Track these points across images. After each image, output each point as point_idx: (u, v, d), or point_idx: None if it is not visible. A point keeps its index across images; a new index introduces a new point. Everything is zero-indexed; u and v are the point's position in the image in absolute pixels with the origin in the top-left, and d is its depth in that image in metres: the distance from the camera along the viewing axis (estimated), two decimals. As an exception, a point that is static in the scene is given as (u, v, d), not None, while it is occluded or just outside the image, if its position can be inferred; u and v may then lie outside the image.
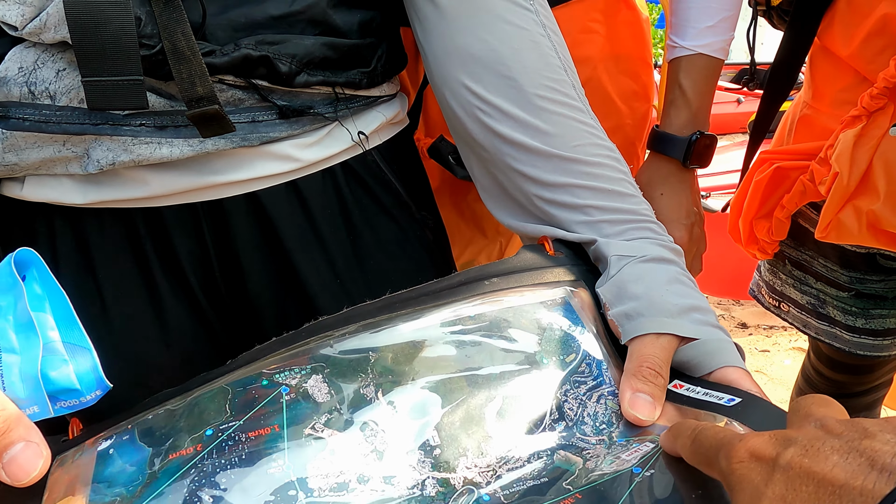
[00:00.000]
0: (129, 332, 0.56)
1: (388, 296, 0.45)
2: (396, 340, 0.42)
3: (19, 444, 0.33)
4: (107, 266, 0.54)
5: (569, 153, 0.50)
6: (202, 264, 0.56)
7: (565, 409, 0.41)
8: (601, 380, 0.43)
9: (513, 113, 0.50)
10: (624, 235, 0.49)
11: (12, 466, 0.33)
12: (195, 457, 0.36)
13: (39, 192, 0.52)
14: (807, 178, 0.82)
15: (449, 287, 0.45)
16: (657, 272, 0.46)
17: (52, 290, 0.38)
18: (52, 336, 0.36)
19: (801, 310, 1.04)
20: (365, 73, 0.55)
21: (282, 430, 0.37)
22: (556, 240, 0.50)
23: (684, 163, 0.87)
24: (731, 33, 0.88)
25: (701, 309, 0.45)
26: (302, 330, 0.43)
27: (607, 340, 0.45)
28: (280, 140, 0.53)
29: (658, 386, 0.41)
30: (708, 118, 0.89)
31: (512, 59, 0.50)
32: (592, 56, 0.89)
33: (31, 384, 0.35)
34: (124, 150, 0.49)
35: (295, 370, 0.40)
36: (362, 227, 0.58)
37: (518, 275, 0.46)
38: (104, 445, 0.38)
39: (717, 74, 0.88)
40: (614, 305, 0.45)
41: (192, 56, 0.45)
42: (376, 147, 0.59)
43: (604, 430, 0.41)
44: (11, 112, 0.48)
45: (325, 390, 0.39)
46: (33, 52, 0.47)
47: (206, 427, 0.37)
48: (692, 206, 0.90)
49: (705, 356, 0.44)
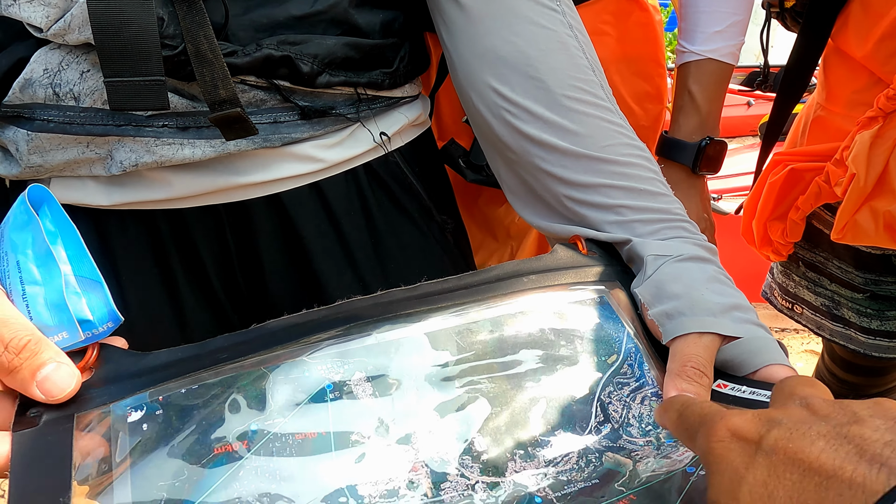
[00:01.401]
0: (151, 333, 0.56)
1: (424, 284, 0.44)
2: (437, 337, 0.41)
3: (51, 364, 0.35)
4: (129, 267, 0.54)
5: (599, 153, 0.49)
6: (224, 265, 0.56)
7: (610, 410, 0.41)
8: (644, 381, 0.42)
9: (541, 114, 0.50)
10: (657, 235, 0.48)
11: (46, 384, 0.35)
12: (242, 456, 0.35)
13: (64, 193, 0.52)
14: (822, 180, 0.82)
15: (486, 282, 0.44)
16: (695, 271, 0.45)
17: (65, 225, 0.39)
18: (65, 269, 0.37)
19: (814, 311, 1.03)
20: (387, 73, 0.55)
21: (328, 434, 0.36)
22: (588, 239, 0.50)
23: (694, 169, 0.87)
24: (740, 38, 0.87)
25: (742, 307, 0.44)
26: (339, 310, 0.41)
27: (647, 341, 0.44)
28: (302, 141, 0.53)
29: (703, 386, 0.40)
30: (718, 124, 0.89)
31: (539, 61, 0.50)
32: (604, 58, 0.88)
33: (58, 311, 0.36)
34: (147, 152, 0.49)
35: (338, 363, 0.39)
36: (384, 228, 0.58)
37: (555, 273, 0.46)
38: (135, 417, 0.37)
39: (726, 79, 0.88)
40: (653, 305, 0.44)
41: (214, 59, 0.45)
42: (398, 149, 0.59)
43: (650, 431, 0.40)
44: (37, 114, 0.48)
45: (370, 391, 0.38)
46: (58, 53, 0.47)
47: (251, 421, 0.36)
48: (702, 212, 0.89)
49: (749, 355, 0.43)
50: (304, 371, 0.38)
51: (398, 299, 0.42)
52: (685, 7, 0.88)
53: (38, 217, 0.37)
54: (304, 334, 0.40)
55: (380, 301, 0.42)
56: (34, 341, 0.35)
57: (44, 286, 0.37)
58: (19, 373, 0.35)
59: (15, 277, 0.37)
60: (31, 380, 0.35)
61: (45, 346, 0.36)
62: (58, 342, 0.37)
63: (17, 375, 0.35)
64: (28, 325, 0.36)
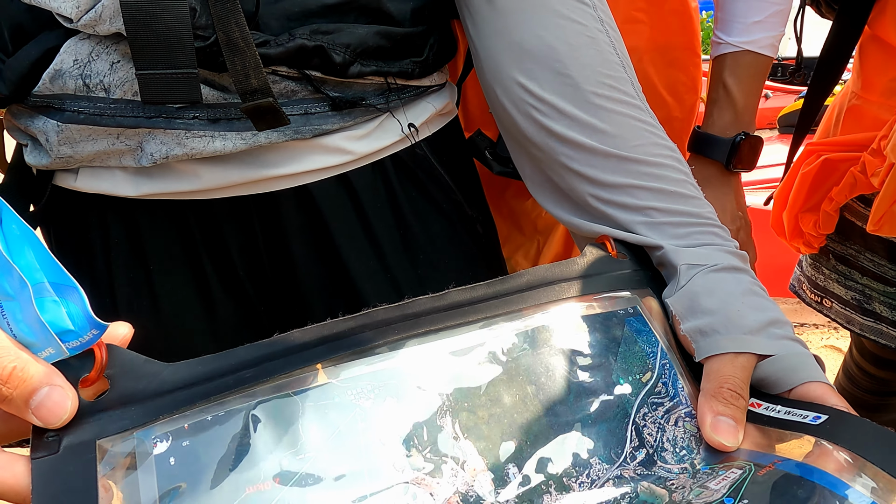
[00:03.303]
0: (178, 323, 0.56)
1: (451, 291, 0.42)
2: (467, 358, 0.39)
3: (42, 389, 0.33)
4: (158, 258, 0.54)
5: (628, 153, 0.48)
6: (252, 257, 0.55)
7: (645, 434, 0.39)
8: (678, 399, 0.41)
9: (569, 111, 0.48)
10: (688, 239, 0.47)
11: (41, 412, 0.33)
12: (275, 497, 0.34)
13: (93, 183, 0.52)
14: (858, 170, 0.80)
15: (517, 290, 0.43)
16: (731, 283, 0.44)
17: (26, 232, 0.35)
18: (37, 277, 0.34)
19: (844, 306, 1.01)
20: (417, 62, 0.54)
21: (361, 465, 0.35)
22: (616, 241, 0.48)
23: (727, 165, 0.83)
24: (781, 29, 0.83)
25: (778, 322, 0.43)
26: (362, 322, 0.40)
27: (678, 354, 0.43)
28: (332, 132, 0.52)
29: (739, 408, 0.39)
30: (754, 119, 0.86)
31: (568, 56, 0.48)
32: (638, 47, 0.86)
33: (36, 327, 0.33)
34: (178, 144, 0.49)
35: (367, 388, 0.37)
36: (412, 220, 0.58)
37: (586, 280, 0.44)
38: (161, 449, 0.35)
39: (764, 73, 0.84)
40: (686, 319, 0.43)
41: (246, 47, 0.45)
42: (426, 139, 0.58)
43: (685, 456, 0.39)
44: (67, 105, 0.48)
45: (400, 418, 0.37)
46: (88, 44, 0.47)
47: (282, 456, 0.35)
48: (737, 210, 0.86)
49: (785, 372, 0.42)
50: (334, 397, 0.37)
51: (426, 310, 0.41)
52: None
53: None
54: (331, 352, 0.38)
55: (407, 311, 0.41)
56: (20, 367, 0.32)
57: (18, 301, 0.33)
58: (13, 402, 0.32)
59: None
60: (25, 409, 0.32)
61: (33, 369, 0.33)
62: (45, 358, 0.34)
63: (11, 405, 0.33)
64: (11, 348, 0.33)
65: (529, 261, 1.00)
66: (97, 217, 0.54)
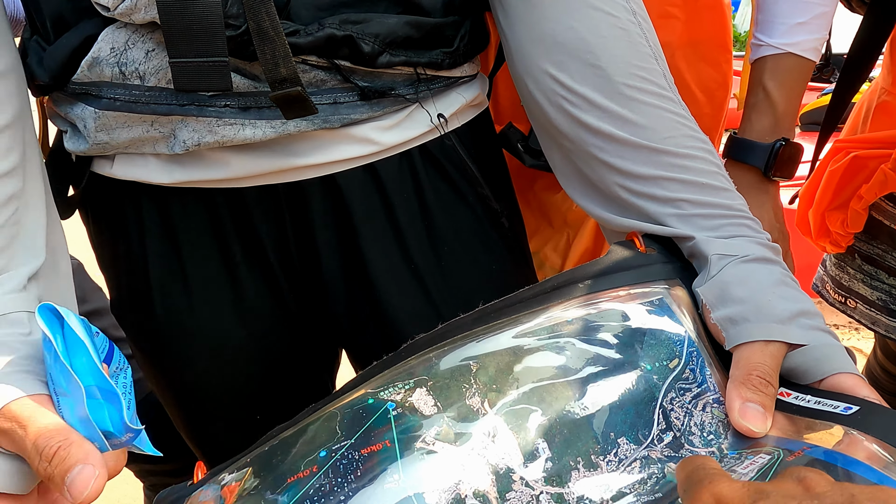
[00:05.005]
0: (209, 309, 0.57)
1: (482, 307, 0.44)
2: (496, 348, 0.41)
3: (77, 467, 0.35)
4: (190, 244, 0.55)
5: (660, 144, 0.48)
6: (280, 244, 0.56)
7: (672, 418, 0.40)
8: (705, 386, 0.41)
9: (600, 103, 0.48)
10: (719, 231, 0.47)
11: (72, 489, 0.34)
12: (312, 478, 0.36)
13: (128, 170, 0.53)
14: (889, 167, 0.79)
15: (543, 293, 0.44)
16: (761, 273, 0.44)
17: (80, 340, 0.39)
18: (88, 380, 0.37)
19: (870, 306, 1.00)
20: (447, 53, 0.54)
21: (393, 444, 0.37)
22: (646, 235, 0.48)
23: (766, 173, 0.80)
24: (824, 32, 0.79)
25: (809, 313, 0.43)
26: (401, 351, 0.43)
27: (708, 342, 0.43)
28: (361, 122, 0.53)
29: (768, 395, 0.39)
30: (794, 125, 0.81)
31: (599, 47, 0.48)
32: (671, 42, 0.85)
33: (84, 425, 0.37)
34: (209, 132, 0.50)
35: (398, 385, 0.40)
36: (437, 211, 0.58)
37: (612, 276, 0.45)
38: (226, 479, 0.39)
39: (807, 77, 0.80)
40: (717, 308, 0.43)
41: (275, 36, 0.45)
42: (455, 130, 0.59)
43: (713, 441, 0.39)
44: (104, 92, 0.49)
45: (431, 402, 0.39)
46: (124, 32, 0.48)
47: (320, 449, 0.37)
48: (774, 221, 0.83)
49: (815, 362, 0.42)
50: (368, 399, 0.39)
51: (459, 326, 0.43)
52: None
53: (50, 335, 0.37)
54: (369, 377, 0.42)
55: (442, 330, 0.43)
56: (64, 447, 0.35)
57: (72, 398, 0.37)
58: (53, 480, 0.35)
59: (50, 387, 0.38)
60: (62, 486, 0.35)
61: (76, 449, 0.35)
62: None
63: (52, 482, 0.35)
64: (63, 430, 0.36)
65: (559, 254, 1.00)
66: (132, 203, 0.56)
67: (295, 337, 0.62)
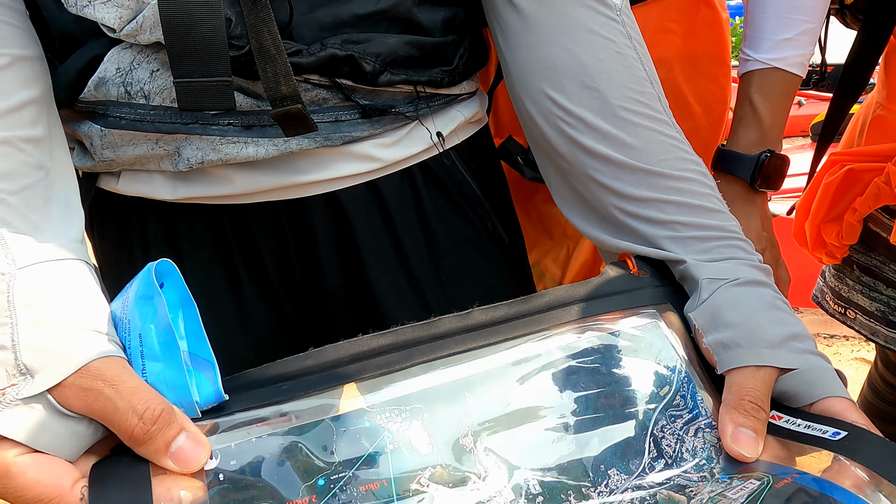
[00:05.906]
0: (212, 322, 0.58)
1: (475, 310, 0.44)
2: (490, 380, 0.41)
3: (182, 434, 0.35)
4: (193, 259, 0.56)
5: (654, 167, 0.49)
6: (282, 260, 0.57)
7: (663, 445, 0.40)
8: (697, 412, 0.42)
9: (596, 125, 0.49)
10: (712, 253, 0.47)
11: (181, 455, 0.35)
12: None
13: (133, 186, 0.54)
14: (882, 181, 0.80)
15: (537, 310, 0.44)
16: (752, 297, 0.45)
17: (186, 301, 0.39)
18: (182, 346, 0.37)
19: (869, 317, 1.00)
20: (447, 71, 0.55)
21: (390, 484, 0.37)
22: (638, 257, 0.49)
23: (752, 184, 0.82)
24: (810, 48, 0.81)
25: (800, 336, 0.43)
26: (390, 339, 0.43)
27: (700, 367, 0.44)
28: (361, 140, 0.54)
29: (760, 420, 0.40)
30: (780, 139, 0.83)
31: (597, 70, 0.49)
32: (669, 57, 0.86)
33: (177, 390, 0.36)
34: (213, 150, 0.51)
35: (396, 412, 0.40)
36: (438, 227, 0.59)
37: (604, 299, 0.46)
38: (211, 465, 0.38)
39: (792, 92, 0.82)
40: (708, 333, 0.43)
41: (277, 55, 0.46)
42: (454, 147, 0.60)
43: (704, 466, 0.40)
44: (110, 111, 0.50)
45: (427, 441, 0.39)
46: (129, 53, 0.49)
47: (318, 475, 0.37)
48: (761, 231, 0.84)
49: (806, 386, 0.42)
50: (366, 421, 0.40)
51: (451, 330, 0.43)
52: (752, 13, 0.83)
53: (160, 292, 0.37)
54: (361, 371, 0.41)
55: (433, 331, 0.43)
56: (167, 411, 0.35)
57: (164, 363, 0.36)
58: (153, 443, 0.34)
59: (136, 350, 0.37)
60: (164, 451, 0.34)
61: (177, 415, 0.35)
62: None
63: (150, 446, 0.35)
64: (157, 394, 0.36)
65: (559, 265, 1.00)
66: (137, 219, 0.56)
67: (298, 351, 0.63)
